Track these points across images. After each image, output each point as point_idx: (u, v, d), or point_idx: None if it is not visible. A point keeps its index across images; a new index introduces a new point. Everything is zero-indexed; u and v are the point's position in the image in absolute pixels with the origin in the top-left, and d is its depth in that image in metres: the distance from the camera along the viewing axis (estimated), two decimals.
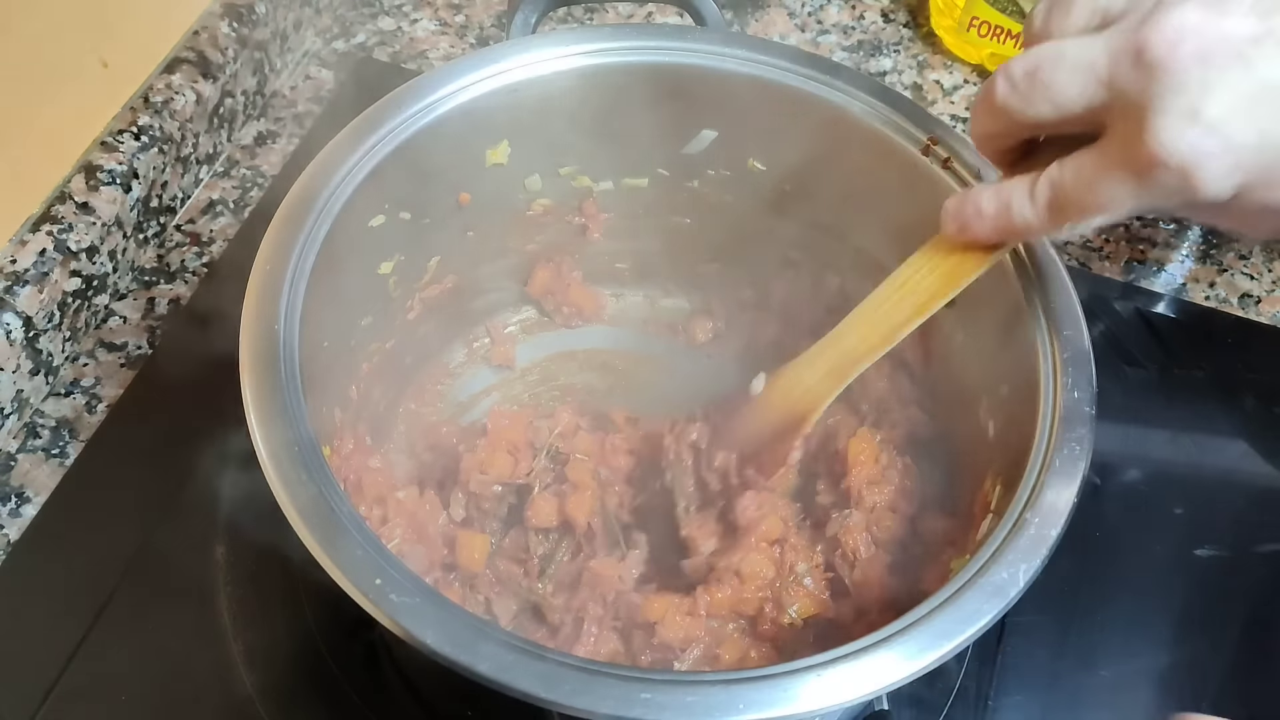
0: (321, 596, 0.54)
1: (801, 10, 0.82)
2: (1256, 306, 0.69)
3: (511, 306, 0.66)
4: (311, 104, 0.76)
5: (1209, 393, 0.66)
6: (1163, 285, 0.69)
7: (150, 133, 0.65)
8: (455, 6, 0.82)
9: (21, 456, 0.59)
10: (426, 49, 0.79)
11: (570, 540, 0.55)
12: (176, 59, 0.68)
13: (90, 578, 0.55)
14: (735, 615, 0.52)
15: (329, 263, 0.48)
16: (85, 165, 0.63)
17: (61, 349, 0.62)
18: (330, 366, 0.51)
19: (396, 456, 0.59)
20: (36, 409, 0.61)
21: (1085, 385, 0.45)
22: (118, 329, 0.64)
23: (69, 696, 0.52)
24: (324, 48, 0.79)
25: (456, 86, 0.53)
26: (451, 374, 0.64)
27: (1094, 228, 0.39)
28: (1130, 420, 0.63)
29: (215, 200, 0.71)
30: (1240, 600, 0.59)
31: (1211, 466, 0.62)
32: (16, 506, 0.58)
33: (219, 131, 0.71)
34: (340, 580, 0.38)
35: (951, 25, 0.78)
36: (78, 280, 0.61)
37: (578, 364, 0.65)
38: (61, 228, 0.61)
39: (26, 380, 0.59)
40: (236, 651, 0.53)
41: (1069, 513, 0.42)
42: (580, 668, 0.36)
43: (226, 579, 0.55)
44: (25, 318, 0.58)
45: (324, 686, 0.53)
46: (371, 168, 0.50)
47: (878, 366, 0.60)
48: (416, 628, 0.37)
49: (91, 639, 0.53)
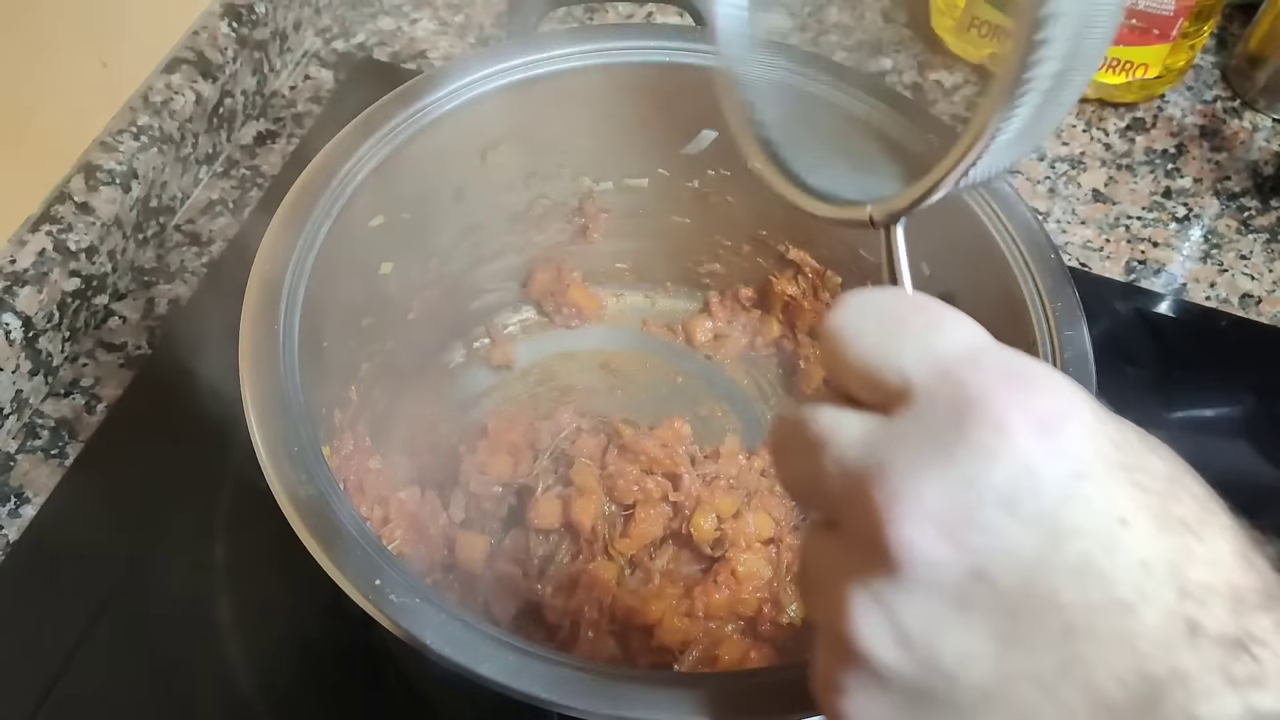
0: (321, 598, 0.54)
1: (802, 10, 0.82)
2: (1257, 307, 0.69)
3: (511, 307, 0.66)
4: (311, 104, 0.76)
5: (1210, 393, 0.65)
6: (1163, 285, 0.69)
7: (149, 133, 0.65)
8: (455, 6, 0.82)
9: (21, 457, 0.59)
10: (426, 49, 0.79)
11: (571, 542, 0.55)
12: (176, 59, 0.68)
13: (90, 578, 0.55)
14: (733, 616, 0.52)
15: (329, 263, 0.48)
16: (84, 165, 0.63)
17: (61, 349, 0.62)
18: (330, 367, 0.51)
19: (396, 457, 0.59)
20: (36, 409, 0.61)
21: (1086, 385, 0.45)
22: (117, 329, 0.64)
23: (68, 697, 0.52)
24: (324, 47, 0.79)
25: (456, 87, 0.53)
26: (451, 374, 0.64)
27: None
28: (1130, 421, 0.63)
29: (215, 200, 0.71)
30: None
31: (1212, 467, 0.62)
32: (16, 507, 0.57)
33: (218, 131, 0.71)
34: (340, 581, 0.38)
35: (952, 25, 0.78)
36: (77, 280, 0.61)
37: (578, 364, 0.65)
38: (61, 228, 0.61)
39: (26, 380, 0.59)
40: (236, 653, 0.53)
41: None
42: (580, 669, 0.36)
43: (226, 580, 0.55)
44: (25, 318, 0.58)
45: (324, 687, 0.53)
46: (371, 168, 0.50)
47: None
48: (416, 629, 0.37)
49: (91, 640, 0.53)
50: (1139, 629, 0.22)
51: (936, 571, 0.23)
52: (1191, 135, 0.77)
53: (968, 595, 0.23)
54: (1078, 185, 0.74)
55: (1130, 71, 0.75)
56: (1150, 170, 0.75)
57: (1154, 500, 0.23)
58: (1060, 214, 0.72)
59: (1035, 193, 0.73)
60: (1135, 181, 0.74)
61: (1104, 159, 0.75)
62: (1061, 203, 0.73)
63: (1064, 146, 0.76)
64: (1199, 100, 0.79)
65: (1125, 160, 0.75)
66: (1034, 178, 0.74)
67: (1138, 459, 0.24)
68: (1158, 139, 0.76)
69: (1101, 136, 0.76)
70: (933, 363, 0.24)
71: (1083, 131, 0.76)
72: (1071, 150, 0.75)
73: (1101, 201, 0.73)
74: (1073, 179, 0.74)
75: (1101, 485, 0.23)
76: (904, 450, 0.24)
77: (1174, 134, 0.77)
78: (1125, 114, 0.77)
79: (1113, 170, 0.75)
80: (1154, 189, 0.74)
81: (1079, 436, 0.23)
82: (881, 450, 0.24)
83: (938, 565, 0.23)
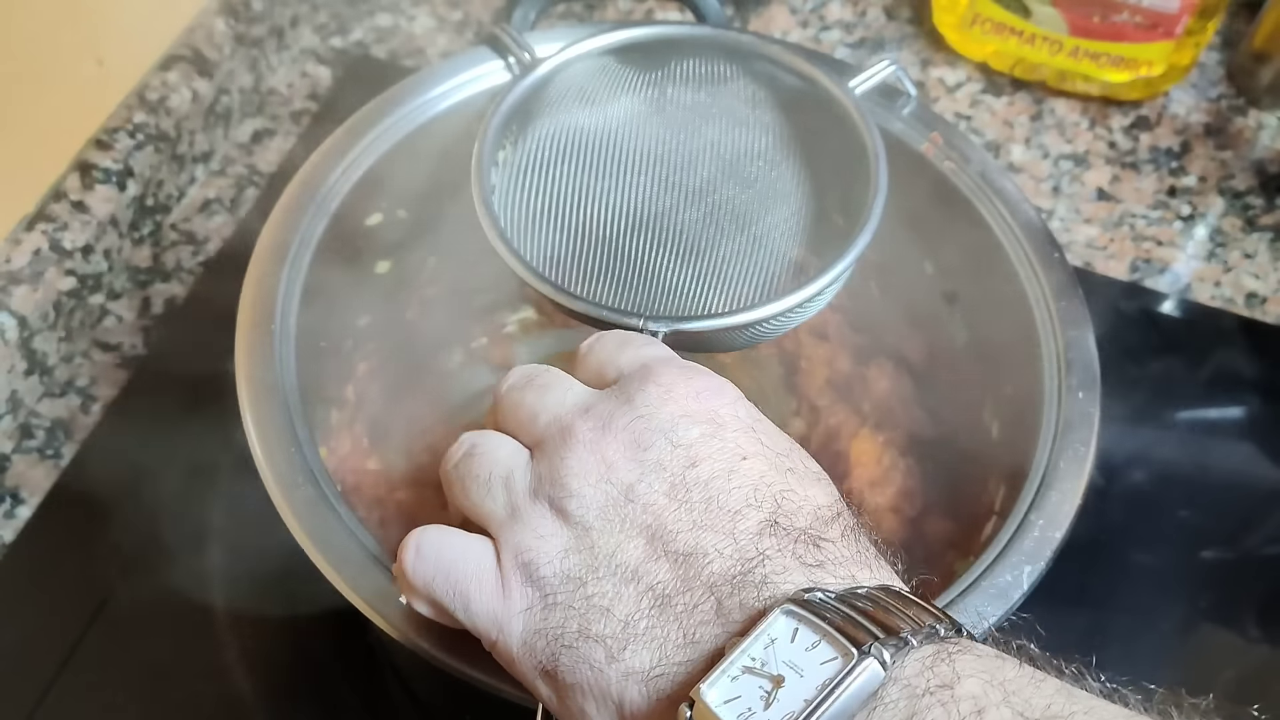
0: (319, 599, 0.54)
1: (804, 6, 0.82)
2: (1262, 306, 0.68)
3: (510, 306, 0.65)
4: (308, 101, 0.75)
5: (1215, 394, 0.65)
6: (1168, 285, 0.69)
7: (145, 131, 0.65)
8: (453, 3, 0.81)
9: (16, 457, 0.59)
10: (424, 45, 0.79)
11: None
12: (172, 56, 0.68)
13: (85, 579, 0.55)
14: None
15: (325, 262, 0.47)
16: (80, 163, 0.63)
17: (56, 349, 0.61)
18: (327, 367, 0.50)
19: (394, 458, 0.59)
20: (31, 409, 0.60)
21: (1090, 386, 0.45)
22: (113, 329, 0.64)
23: (64, 699, 0.51)
24: (321, 44, 0.78)
25: (454, 83, 0.52)
26: (450, 374, 0.63)
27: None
28: (1135, 421, 0.63)
29: (211, 199, 0.70)
30: (1246, 603, 0.58)
31: (1217, 468, 0.62)
32: (11, 507, 0.57)
33: (215, 129, 0.71)
34: (337, 582, 0.38)
35: (954, 22, 0.77)
36: (72, 279, 0.61)
37: None
38: (56, 226, 0.60)
39: (21, 380, 0.59)
40: (233, 654, 0.53)
41: (1074, 514, 0.41)
42: None
43: (222, 581, 0.55)
44: (19, 317, 0.57)
45: (321, 689, 0.53)
46: (369, 165, 0.50)
47: (880, 367, 0.60)
48: (414, 630, 0.36)
49: (86, 641, 0.53)
50: (741, 526, 0.31)
51: (610, 481, 0.32)
52: (1196, 133, 0.76)
53: (629, 497, 0.32)
54: (1082, 184, 0.73)
55: (1134, 69, 0.74)
56: (1154, 169, 0.74)
57: (770, 454, 0.33)
58: (1064, 213, 0.72)
59: (1039, 191, 0.73)
60: (1139, 180, 0.74)
61: (1108, 157, 0.75)
62: (1065, 201, 0.72)
63: (1068, 145, 0.75)
64: (1204, 98, 0.78)
65: (1129, 159, 0.75)
66: (1038, 176, 0.74)
67: (766, 430, 0.34)
68: (1162, 137, 0.76)
69: (1105, 135, 0.76)
70: (641, 362, 0.36)
71: (1087, 130, 0.76)
72: (1075, 148, 0.75)
73: (1105, 200, 0.73)
74: (1076, 177, 0.74)
75: (734, 434, 0.33)
76: (605, 401, 0.34)
77: (1178, 132, 0.76)
78: (1129, 112, 0.77)
79: (1117, 169, 0.74)
80: (1158, 188, 0.73)
81: (723, 406, 0.34)
82: (592, 400, 0.35)
83: (615, 472, 0.32)
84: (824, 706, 0.26)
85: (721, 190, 0.47)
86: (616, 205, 0.46)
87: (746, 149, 0.48)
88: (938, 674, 0.27)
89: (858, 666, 0.26)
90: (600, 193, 0.46)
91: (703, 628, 0.30)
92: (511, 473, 0.34)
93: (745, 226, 0.46)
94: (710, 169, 0.47)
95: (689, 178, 0.47)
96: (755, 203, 0.46)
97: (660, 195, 0.46)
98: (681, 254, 0.45)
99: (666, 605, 0.30)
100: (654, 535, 0.31)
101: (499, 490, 0.34)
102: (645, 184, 0.46)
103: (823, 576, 0.30)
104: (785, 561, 0.30)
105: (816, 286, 0.44)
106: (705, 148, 0.48)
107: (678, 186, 0.47)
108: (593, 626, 0.31)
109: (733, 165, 0.47)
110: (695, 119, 0.48)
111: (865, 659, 0.27)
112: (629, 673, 0.30)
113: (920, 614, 0.29)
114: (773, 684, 0.27)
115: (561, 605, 0.31)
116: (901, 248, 0.48)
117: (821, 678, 0.27)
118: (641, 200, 0.46)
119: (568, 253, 0.45)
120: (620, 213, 0.46)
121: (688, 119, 0.48)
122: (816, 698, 0.26)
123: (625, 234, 0.45)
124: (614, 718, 0.30)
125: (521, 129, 0.47)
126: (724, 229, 0.46)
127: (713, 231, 0.46)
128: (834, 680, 0.27)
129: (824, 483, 0.34)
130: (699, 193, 0.47)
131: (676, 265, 0.45)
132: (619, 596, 0.31)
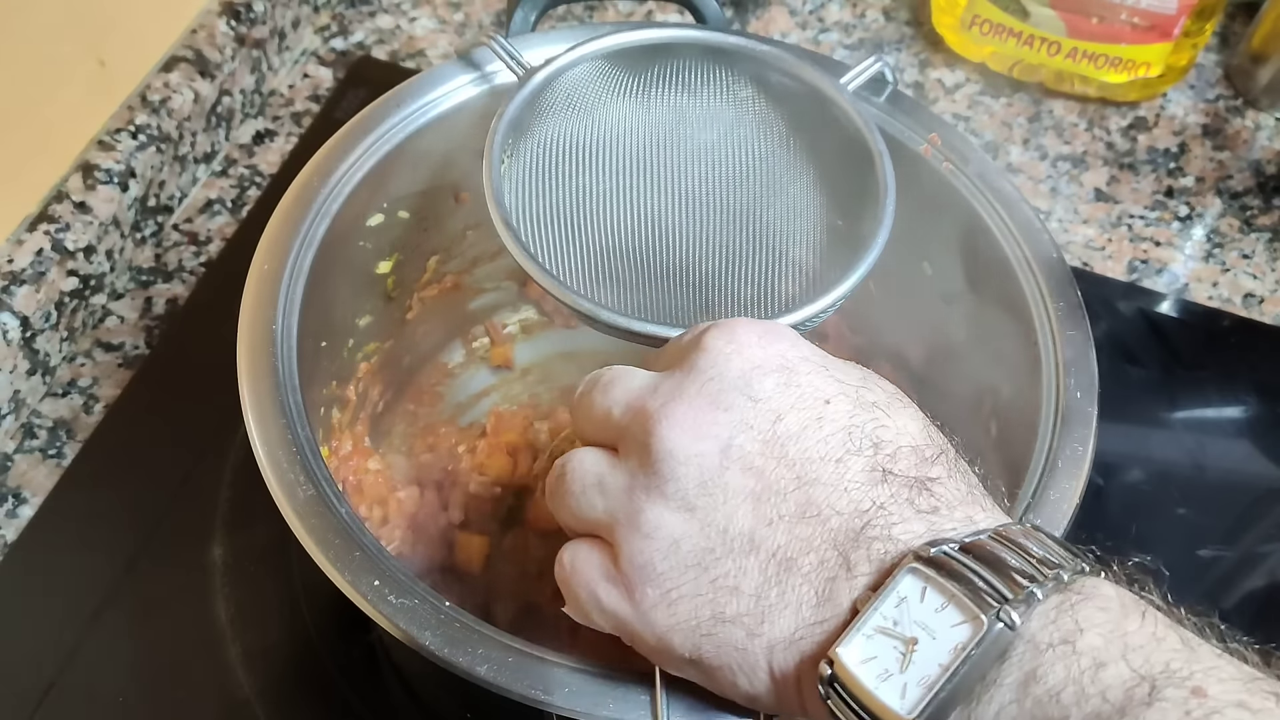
0: (320, 599, 0.54)
1: (803, 8, 0.82)
2: (1260, 306, 0.69)
3: (510, 306, 0.65)
4: (310, 102, 0.75)
5: (1212, 393, 0.65)
6: (1165, 285, 0.69)
7: (148, 131, 0.65)
8: (454, 4, 0.81)
9: (18, 457, 0.59)
10: (425, 47, 0.79)
11: None
12: (174, 57, 0.68)
13: (88, 579, 0.55)
14: None
15: (327, 262, 0.47)
16: (82, 164, 0.63)
17: (59, 349, 0.61)
18: (328, 367, 0.51)
19: (395, 457, 0.59)
20: (33, 409, 0.61)
21: (1088, 385, 0.45)
22: (115, 329, 0.64)
23: (66, 698, 0.51)
24: (322, 46, 0.79)
25: (455, 85, 0.52)
26: (450, 374, 0.64)
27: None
28: (1133, 421, 0.63)
29: (213, 199, 0.70)
30: (1244, 601, 0.59)
31: (1215, 467, 0.62)
32: (14, 508, 0.57)
33: (217, 130, 0.71)
34: (338, 582, 0.38)
35: (953, 23, 0.77)
36: (75, 280, 0.61)
37: (577, 364, 0.65)
38: (59, 227, 0.60)
39: (23, 380, 0.59)
40: (235, 653, 0.53)
41: (1073, 514, 0.42)
42: (579, 670, 0.36)
43: (224, 581, 0.55)
44: (22, 318, 0.58)
45: (323, 689, 0.53)
46: (370, 167, 0.50)
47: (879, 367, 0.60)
48: (415, 629, 0.36)
49: (89, 641, 0.53)
50: (849, 475, 0.31)
51: (699, 453, 0.31)
52: (1194, 134, 0.76)
53: (724, 464, 0.31)
54: (1080, 184, 0.74)
55: (1132, 70, 0.74)
56: (1152, 169, 0.75)
57: (850, 390, 0.33)
58: (1062, 213, 0.72)
59: (1037, 192, 0.73)
60: (1137, 181, 0.74)
61: (1106, 158, 0.75)
62: (1063, 202, 0.73)
63: (1066, 145, 0.75)
64: (1201, 99, 0.78)
65: (1127, 159, 0.75)
66: (1036, 177, 0.74)
67: (837, 365, 0.34)
68: (1160, 138, 0.76)
69: (1103, 135, 0.76)
70: (694, 335, 0.35)
71: (1085, 130, 0.76)
72: (1073, 149, 0.75)
73: (1103, 201, 0.73)
74: (1075, 178, 0.74)
75: (808, 377, 0.32)
76: (670, 375, 0.34)
77: (1176, 133, 0.76)
78: (1127, 113, 0.77)
79: (1115, 169, 0.74)
80: (1156, 188, 0.74)
81: (789, 348, 0.33)
82: (658, 379, 0.34)
83: (703, 441, 0.31)
84: (959, 672, 0.27)
85: (731, 196, 0.47)
86: (629, 213, 0.46)
87: (751, 153, 0.48)
88: (1060, 627, 0.27)
89: (988, 632, 0.27)
90: (611, 200, 0.46)
91: (834, 584, 0.30)
92: (601, 477, 0.34)
93: (759, 235, 0.46)
94: (716, 175, 0.47)
95: (700, 185, 0.47)
96: (766, 209, 0.47)
97: (672, 203, 0.46)
98: (704, 264, 0.45)
99: (793, 568, 0.30)
100: (760, 498, 0.31)
101: (595, 498, 0.34)
102: (655, 192, 0.46)
103: (940, 523, 0.30)
104: (901, 510, 0.30)
105: (846, 288, 0.43)
106: (706, 152, 0.48)
107: (691, 195, 0.47)
108: (726, 609, 0.31)
109: (740, 172, 0.47)
110: (696, 123, 0.48)
111: (995, 624, 0.27)
112: (773, 643, 0.30)
113: (1044, 550, 0.29)
114: (907, 645, 0.28)
115: (688, 596, 0.31)
116: (900, 248, 0.48)
117: (954, 642, 0.28)
118: (653, 209, 0.46)
119: (580, 260, 0.45)
120: (633, 221, 0.46)
121: (688, 123, 0.48)
122: (952, 662, 0.27)
123: (642, 243, 0.45)
124: (767, 683, 0.31)
125: (519, 138, 0.48)
126: (736, 236, 0.46)
127: (728, 239, 0.46)
128: (966, 645, 0.27)
129: (908, 406, 0.34)
130: (710, 200, 0.47)
131: (707, 275, 0.45)
132: (743, 571, 0.31)
